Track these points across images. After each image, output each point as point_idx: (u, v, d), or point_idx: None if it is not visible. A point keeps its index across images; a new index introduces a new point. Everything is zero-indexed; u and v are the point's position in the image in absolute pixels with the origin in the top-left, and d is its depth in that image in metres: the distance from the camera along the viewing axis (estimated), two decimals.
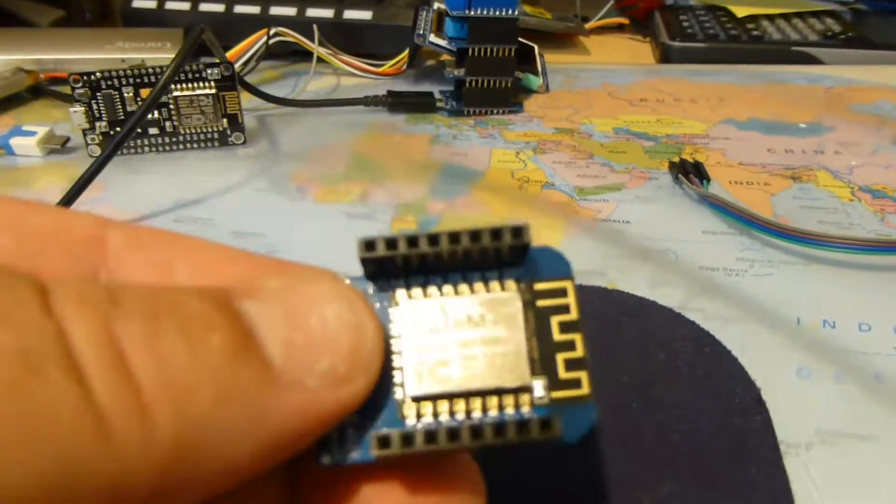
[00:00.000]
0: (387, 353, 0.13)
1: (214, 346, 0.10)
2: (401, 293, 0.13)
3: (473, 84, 0.42)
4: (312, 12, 0.49)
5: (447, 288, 0.13)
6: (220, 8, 0.51)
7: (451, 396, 0.13)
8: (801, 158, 0.36)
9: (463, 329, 0.13)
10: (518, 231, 0.13)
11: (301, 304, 0.12)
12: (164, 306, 0.11)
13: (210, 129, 0.38)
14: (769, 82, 0.47)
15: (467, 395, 0.13)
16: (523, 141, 0.39)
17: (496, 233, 0.13)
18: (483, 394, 0.13)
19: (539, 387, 0.13)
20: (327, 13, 0.49)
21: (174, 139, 0.38)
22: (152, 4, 0.52)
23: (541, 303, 0.13)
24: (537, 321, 0.13)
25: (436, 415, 0.13)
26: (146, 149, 0.38)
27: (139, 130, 0.37)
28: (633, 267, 0.28)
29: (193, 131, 0.37)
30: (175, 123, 0.37)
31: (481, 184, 0.35)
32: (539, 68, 0.48)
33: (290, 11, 0.50)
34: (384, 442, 0.12)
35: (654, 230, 0.30)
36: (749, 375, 0.22)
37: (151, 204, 0.33)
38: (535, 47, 0.50)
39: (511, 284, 0.13)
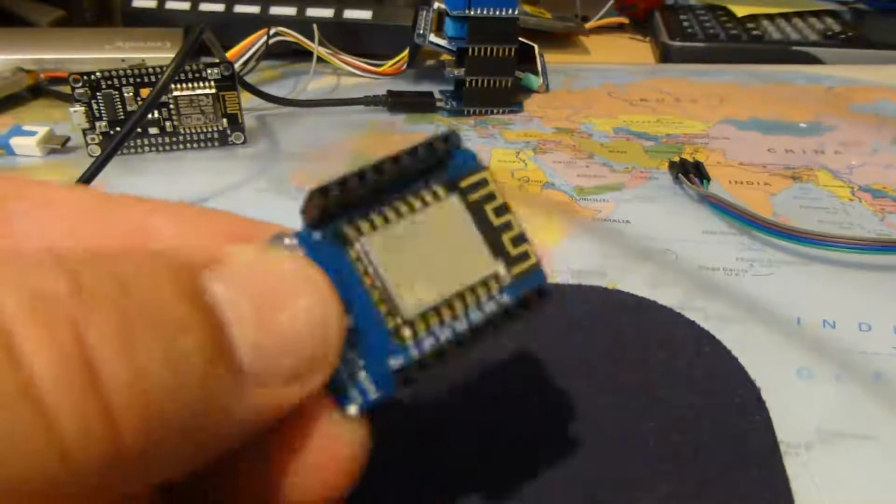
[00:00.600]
0: (366, 293, 0.13)
1: (189, 350, 0.10)
2: (350, 231, 0.13)
3: (473, 84, 0.42)
4: (312, 12, 0.49)
5: (389, 213, 0.14)
6: (220, 7, 0.51)
7: (437, 307, 0.14)
8: (801, 158, 0.36)
9: (422, 244, 0.14)
10: (446, 137, 0.14)
11: (272, 294, 0.11)
12: (136, 297, 0.10)
13: (210, 129, 0.38)
14: (769, 82, 0.47)
15: (451, 299, 0.14)
16: (523, 141, 0.39)
17: (429, 145, 0.14)
18: (461, 293, 0.14)
19: (501, 269, 0.14)
20: (327, 13, 0.49)
21: (174, 139, 0.38)
22: (152, 4, 0.52)
23: (472, 197, 0.14)
24: (474, 214, 0.14)
25: (429, 328, 0.14)
26: (146, 149, 0.38)
27: (139, 130, 0.37)
28: (633, 267, 0.28)
29: (193, 131, 0.37)
30: (175, 123, 0.37)
31: None
32: (539, 68, 0.48)
33: (290, 11, 0.50)
34: (407, 380, 0.13)
35: (654, 230, 0.30)
36: (749, 375, 0.22)
37: None
38: (536, 47, 0.50)
39: (442, 190, 0.14)
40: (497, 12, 0.40)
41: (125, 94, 0.36)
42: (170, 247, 0.12)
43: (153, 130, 0.37)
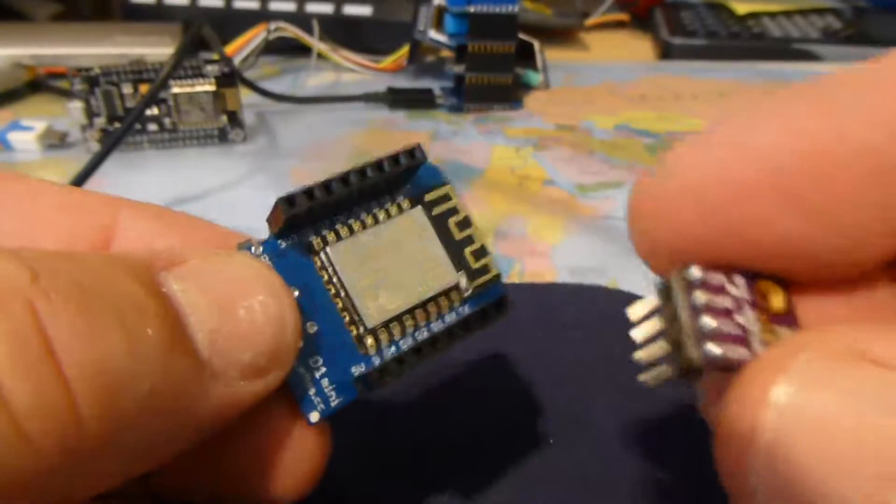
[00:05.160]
0: (330, 301, 0.14)
1: (150, 337, 0.10)
2: (315, 240, 0.14)
3: (473, 80, 0.42)
4: (312, 7, 0.49)
5: (355, 224, 0.14)
6: (219, 2, 0.51)
7: (400, 317, 0.14)
8: None
9: (386, 254, 0.14)
10: (412, 153, 0.14)
11: (229, 290, 0.12)
12: (94, 286, 0.10)
13: (209, 126, 0.37)
14: (770, 79, 0.47)
15: (413, 309, 0.14)
16: (523, 137, 0.39)
17: (395, 159, 0.14)
18: (424, 303, 0.14)
19: (463, 281, 0.15)
20: (327, 8, 0.49)
21: (173, 135, 0.37)
22: None
23: (435, 211, 0.15)
24: (437, 227, 0.15)
25: (391, 338, 0.14)
26: (145, 145, 0.37)
27: (138, 126, 0.37)
28: (633, 265, 0.28)
29: (193, 128, 0.37)
30: (174, 120, 0.37)
31: (481, 181, 0.35)
32: (539, 65, 0.47)
33: (290, 6, 0.49)
34: (370, 385, 0.13)
35: None
36: None
37: (150, 200, 0.33)
38: (536, 43, 0.50)
39: (407, 203, 0.15)
40: (497, 9, 0.40)
41: (124, 90, 0.36)
42: (130, 249, 0.12)
43: (152, 127, 0.37)
